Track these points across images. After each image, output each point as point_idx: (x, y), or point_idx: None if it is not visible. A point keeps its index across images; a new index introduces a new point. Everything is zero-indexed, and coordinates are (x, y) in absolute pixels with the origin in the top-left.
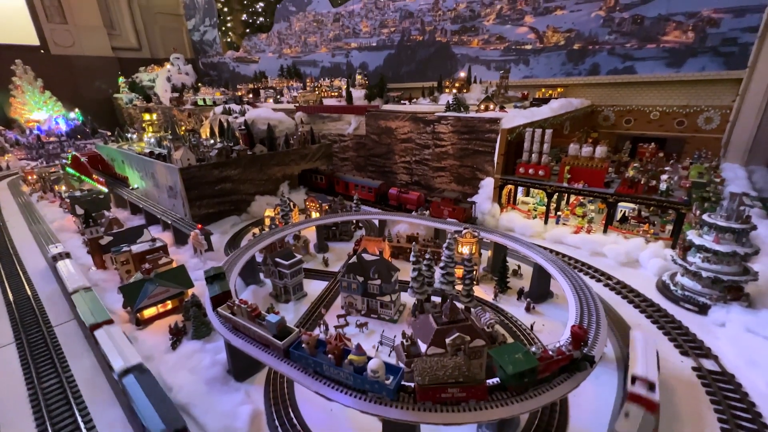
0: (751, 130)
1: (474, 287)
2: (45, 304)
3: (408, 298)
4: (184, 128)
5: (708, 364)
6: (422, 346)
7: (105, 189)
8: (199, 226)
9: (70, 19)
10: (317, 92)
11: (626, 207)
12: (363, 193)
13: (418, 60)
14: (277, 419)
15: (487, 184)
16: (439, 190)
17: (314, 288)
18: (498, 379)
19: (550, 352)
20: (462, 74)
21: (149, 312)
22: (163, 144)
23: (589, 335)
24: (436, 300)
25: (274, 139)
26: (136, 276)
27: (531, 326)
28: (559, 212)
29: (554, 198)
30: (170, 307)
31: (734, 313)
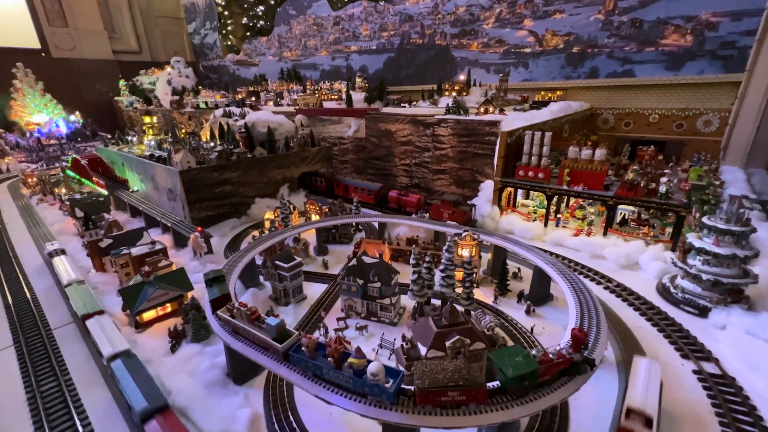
0: (750, 133)
1: (474, 290)
2: (44, 306)
3: (408, 301)
4: (184, 131)
5: (709, 367)
6: (422, 349)
7: (105, 192)
8: (199, 228)
9: (71, 22)
10: (317, 95)
11: (626, 209)
12: (363, 195)
13: (417, 63)
14: (276, 423)
15: (487, 186)
16: (438, 192)
17: (314, 291)
18: (498, 383)
19: (551, 355)
20: (461, 77)
21: (148, 315)
22: (163, 147)
23: (589, 338)
24: (436, 303)
25: (274, 142)
26: (135, 279)
27: (531, 329)
28: (558, 215)
29: (554, 201)
30: (169, 310)
31: (735, 315)
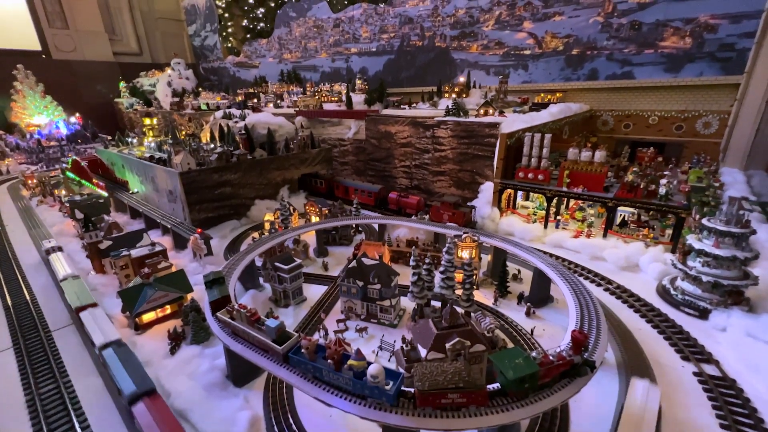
0: (750, 135)
1: (474, 292)
2: (43, 308)
3: (408, 303)
4: (184, 132)
5: (709, 369)
6: (422, 351)
7: (105, 193)
8: (199, 230)
9: (71, 24)
10: (317, 97)
11: (626, 211)
12: (363, 197)
13: (417, 65)
14: (276, 425)
15: (487, 188)
16: (438, 194)
17: (314, 292)
18: (498, 385)
19: (551, 357)
20: (461, 79)
21: (148, 317)
22: (163, 148)
23: (589, 340)
24: (436, 304)
25: (274, 144)
26: (135, 280)
27: (531, 331)
28: (558, 216)
29: (554, 202)
30: (169, 311)
31: (735, 317)
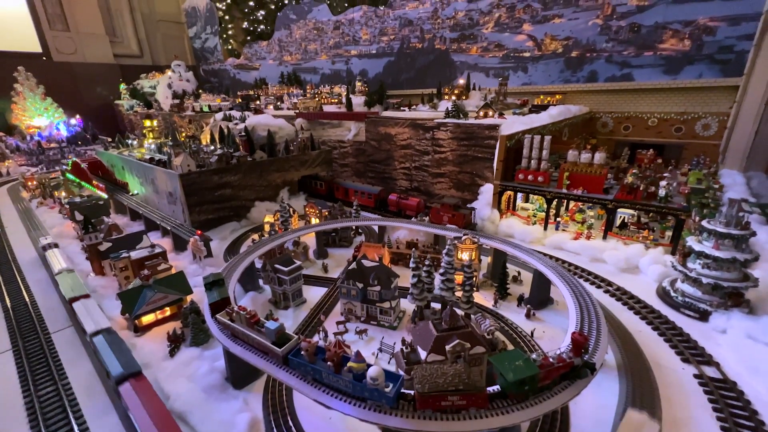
0: (749, 137)
1: (474, 293)
2: (42, 309)
3: (408, 305)
4: (184, 134)
5: (710, 372)
6: (422, 353)
7: (105, 195)
8: (199, 232)
9: (72, 26)
10: (317, 99)
11: (625, 213)
12: (362, 199)
13: (417, 67)
14: (275, 427)
15: (487, 190)
16: (438, 196)
17: (313, 294)
18: (498, 387)
19: (551, 359)
20: (461, 81)
21: (147, 319)
22: (163, 150)
23: (589, 342)
24: (436, 306)
25: (274, 146)
26: (134, 282)
27: (531, 333)
28: (558, 218)
29: (553, 204)
30: (169, 313)
31: (735, 319)
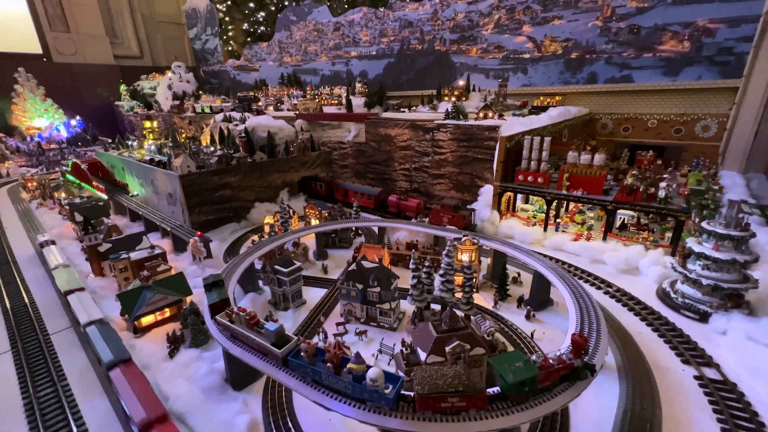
0: (749, 138)
1: (474, 295)
2: (42, 310)
3: (407, 306)
4: (184, 135)
5: (710, 373)
6: (422, 355)
7: (105, 196)
8: (199, 233)
9: (72, 27)
10: (317, 100)
11: (625, 214)
12: (362, 200)
13: (417, 68)
14: (275, 429)
15: (487, 191)
16: (438, 197)
17: (313, 295)
18: (498, 388)
19: (551, 360)
20: (461, 82)
21: (147, 320)
22: (163, 151)
23: (589, 343)
24: (436, 308)
25: (274, 147)
26: (134, 283)
27: (531, 334)
28: (558, 219)
29: (553, 205)
30: (168, 314)
31: (735, 320)
